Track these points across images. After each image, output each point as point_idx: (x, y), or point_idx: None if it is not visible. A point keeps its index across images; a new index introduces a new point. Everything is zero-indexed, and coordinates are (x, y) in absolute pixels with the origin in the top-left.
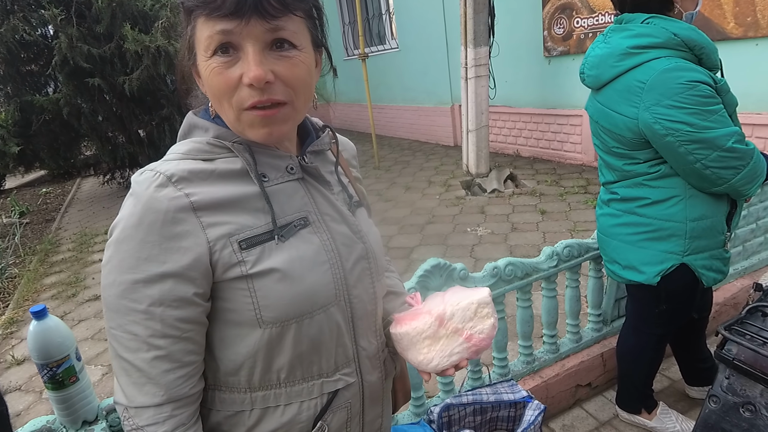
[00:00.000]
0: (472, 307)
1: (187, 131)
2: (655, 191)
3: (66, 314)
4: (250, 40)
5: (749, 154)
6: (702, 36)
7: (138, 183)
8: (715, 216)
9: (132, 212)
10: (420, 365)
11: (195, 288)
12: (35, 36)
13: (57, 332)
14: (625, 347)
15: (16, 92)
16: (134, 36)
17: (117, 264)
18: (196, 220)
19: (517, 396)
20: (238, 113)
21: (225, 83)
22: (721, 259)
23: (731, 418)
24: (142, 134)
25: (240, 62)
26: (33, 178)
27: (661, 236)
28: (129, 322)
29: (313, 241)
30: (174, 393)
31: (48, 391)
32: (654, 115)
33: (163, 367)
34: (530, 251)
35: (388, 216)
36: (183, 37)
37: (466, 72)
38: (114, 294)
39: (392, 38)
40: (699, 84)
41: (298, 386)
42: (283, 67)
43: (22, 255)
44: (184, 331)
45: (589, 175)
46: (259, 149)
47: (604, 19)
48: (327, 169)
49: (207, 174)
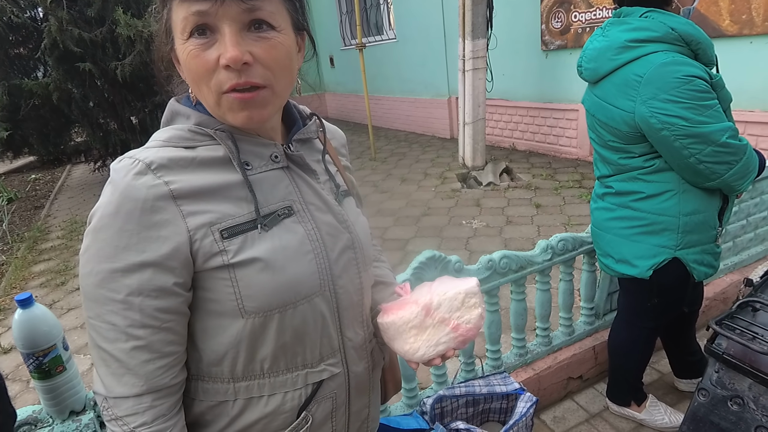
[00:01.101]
0: (459, 296)
1: (169, 118)
2: (649, 185)
3: (55, 302)
4: (226, 21)
5: (742, 150)
6: (699, 31)
7: (116, 171)
8: (707, 211)
9: (110, 200)
10: (406, 355)
11: (175, 278)
12: (23, 18)
13: (43, 321)
14: (617, 341)
15: (4, 76)
16: (127, 21)
17: (95, 253)
18: (176, 209)
19: (510, 388)
20: (217, 97)
21: (203, 66)
22: (712, 253)
23: (719, 411)
24: (134, 121)
25: (217, 44)
26: (22, 164)
27: (655, 230)
28: (107, 312)
29: (297, 231)
30: (154, 383)
31: (34, 380)
32: (650, 108)
33: (142, 358)
34: (525, 244)
35: (383, 207)
36: (159, 21)
37: (464, 64)
38: (92, 283)
39: (390, 28)
40: (695, 79)
41: (282, 377)
42: (261, 48)
43: (10, 242)
44: (164, 321)
45: (584, 170)
46: (242, 137)
47: (602, 13)
48: (314, 157)
49: (188, 161)
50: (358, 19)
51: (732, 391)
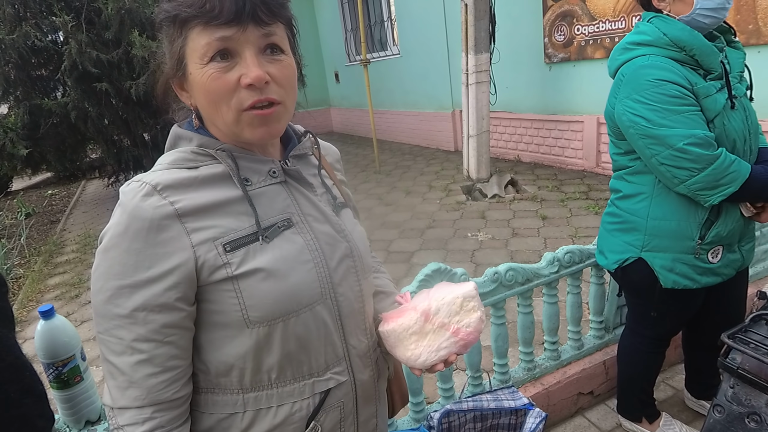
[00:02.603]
0: (458, 301)
1: (173, 143)
2: (628, 185)
3: (69, 315)
4: (248, 45)
5: (706, 159)
6: (695, 38)
7: (125, 193)
8: (680, 220)
9: (119, 221)
10: (408, 361)
11: (178, 293)
12: (46, 42)
13: (63, 332)
14: (621, 348)
15: (26, 96)
16: (142, 42)
17: (104, 271)
18: (181, 227)
19: (518, 403)
20: (237, 114)
21: (224, 86)
22: (690, 265)
23: (736, 429)
24: (146, 137)
25: (237, 66)
26: (39, 179)
27: (626, 228)
28: (115, 327)
29: (297, 241)
30: (155, 397)
31: (53, 390)
32: (623, 106)
33: (145, 371)
34: (531, 257)
35: (388, 220)
36: (169, 51)
37: (467, 78)
38: (101, 299)
39: (394, 44)
40: (666, 83)
41: (290, 386)
42: (275, 69)
43: (27, 256)
44: (167, 335)
45: (591, 181)
46: (242, 155)
47: (605, 26)
48: (310, 172)
49: (191, 181)
50: (362, 36)
51: (749, 408)
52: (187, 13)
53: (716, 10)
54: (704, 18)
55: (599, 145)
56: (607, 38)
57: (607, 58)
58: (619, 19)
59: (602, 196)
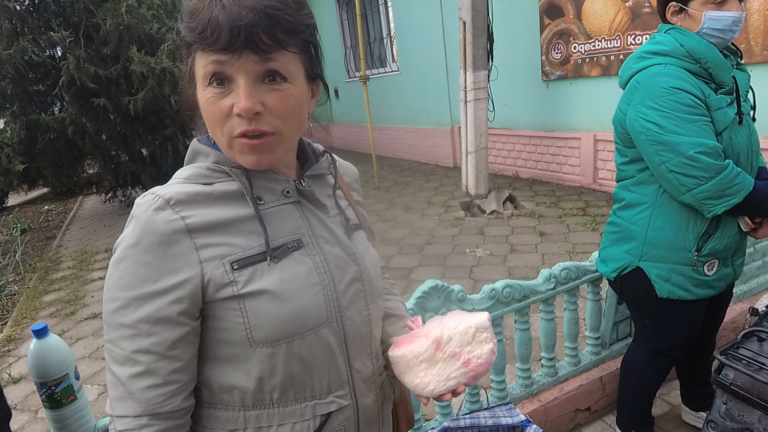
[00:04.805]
0: (470, 331)
1: (191, 157)
2: (631, 195)
3: (64, 332)
4: (241, 73)
5: (714, 169)
6: (710, 51)
7: (139, 206)
8: (678, 231)
9: (132, 233)
10: (416, 389)
11: (182, 307)
12: (43, 57)
13: (57, 351)
14: (623, 359)
15: (23, 111)
16: (140, 58)
17: (115, 282)
18: (191, 242)
19: (516, 420)
20: (229, 140)
21: (218, 112)
22: (687, 276)
23: None
24: (144, 153)
25: (232, 93)
26: (35, 195)
27: (625, 237)
28: (119, 337)
29: (306, 263)
30: (152, 409)
31: (45, 410)
32: (636, 112)
33: (144, 383)
34: (529, 273)
35: (387, 236)
36: (186, 66)
37: (466, 95)
38: (110, 309)
39: (393, 61)
40: (680, 92)
41: (291, 407)
42: (272, 98)
43: (23, 272)
44: (169, 349)
45: (588, 197)
46: (256, 174)
47: (601, 44)
48: (325, 192)
49: (204, 196)
50: (362, 53)
51: (742, 424)
52: (189, 37)
53: (723, 31)
54: (710, 38)
55: (596, 161)
56: (603, 56)
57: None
58: (615, 38)
59: (599, 212)
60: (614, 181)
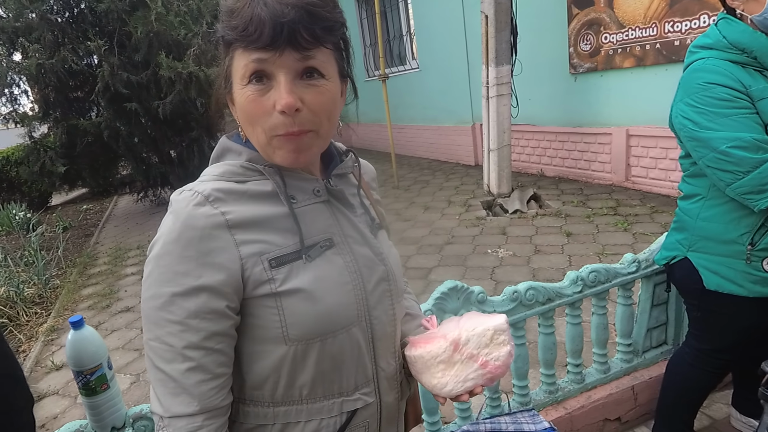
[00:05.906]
0: (488, 333)
1: (220, 154)
2: (687, 186)
3: (100, 324)
4: (282, 70)
5: (750, 163)
6: (755, 39)
7: (177, 201)
8: (727, 223)
9: (171, 228)
10: (434, 389)
11: (227, 301)
12: (81, 65)
13: (91, 342)
14: (670, 358)
15: (64, 117)
16: (168, 63)
17: (156, 278)
18: (231, 237)
19: (539, 427)
20: (269, 138)
21: (259, 110)
22: (739, 271)
23: None
24: (173, 155)
25: (273, 90)
26: (75, 195)
27: (680, 227)
28: (166, 334)
29: (337, 262)
30: (206, 404)
31: (81, 396)
32: (677, 109)
33: (196, 378)
34: (554, 275)
35: (406, 236)
36: (221, 67)
37: (488, 91)
38: (153, 306)
39: (413, 59)
40: (715, 86)
41: (319, 403)
42: (311, 95)
43: (64, 267)
44: (217, 342)
45: (619, 196)
46: (288, 173)
47: (635, 33)
48: (350, 191)
49: (240, 194)
50: (381, 51)
51: None
52: (230, 36)
53: None
54: None
55: (629, 158)
56: (638, 46)
57: (636, 67)
58: (651, 26)
59: (632, 212)
60: (648, 179)
